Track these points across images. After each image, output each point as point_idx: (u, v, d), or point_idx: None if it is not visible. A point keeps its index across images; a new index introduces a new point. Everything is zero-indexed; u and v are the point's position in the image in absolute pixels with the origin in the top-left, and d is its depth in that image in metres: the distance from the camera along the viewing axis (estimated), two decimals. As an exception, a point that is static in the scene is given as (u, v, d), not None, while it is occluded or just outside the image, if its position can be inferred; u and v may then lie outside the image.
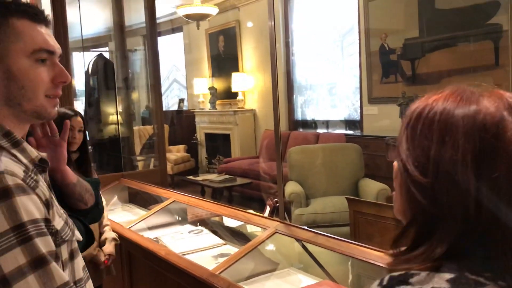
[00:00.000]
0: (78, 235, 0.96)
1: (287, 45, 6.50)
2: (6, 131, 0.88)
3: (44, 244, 0.80)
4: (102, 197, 2.49)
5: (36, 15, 0.91)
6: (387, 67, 4.95)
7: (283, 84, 6.49)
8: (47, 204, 0.86)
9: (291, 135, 6.14)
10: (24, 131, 0.96)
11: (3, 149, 0.86)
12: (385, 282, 0.60)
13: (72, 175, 1.34)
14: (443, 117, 0.61)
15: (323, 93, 6.33)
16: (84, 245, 1.34)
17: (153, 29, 3.98)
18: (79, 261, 0.97)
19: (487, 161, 0.58)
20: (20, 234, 0.77)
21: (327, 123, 6.22)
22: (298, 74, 6.57)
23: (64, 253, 0.89)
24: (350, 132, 5.79)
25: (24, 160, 0.88)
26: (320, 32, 6.16)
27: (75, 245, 0.95)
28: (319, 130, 6.20)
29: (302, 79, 6.56)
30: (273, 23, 2.18)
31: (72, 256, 0.93)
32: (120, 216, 3.17)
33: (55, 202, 0.92)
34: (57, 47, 0.93)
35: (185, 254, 2.29)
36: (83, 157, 2.21)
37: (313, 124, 6.42)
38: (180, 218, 3.01)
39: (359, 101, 5.59)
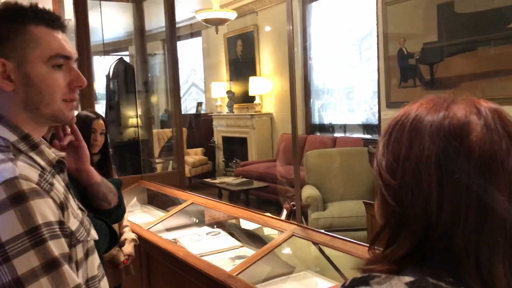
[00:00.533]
0: (94, 235, 0.98)
1: (305, 49, 6.51)
2: (24, 134, 0.91)
3: (58, 247, 0.82)
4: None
5: (53, 22, 0.93)
6: (406, 71, 4.92)
7: (300, 88, 6.50)
8: (62, 207, 0.87)
9: (308, 139, 6.14)
10: (42, 133, 0.98)
11: (21, 152, 0.88)
12: (347, 283, 0.61)
13: (96, 175, 1.37)
14: (414, 122, 0.63)
15: (340, 97, 6.31)
16: (108, 246, 1.38)
17: (172, 34, 4.03)
18: (94, 259, 0.99)
19: (450, 162, 0.59)
20: (34, 237, 0.79)
21: (344, 127, 6.21)
22: (316, 78, 6.58)
23: (80, 252, 0.91)
24: (368, 136, 5.76)
25: (42, 162, 0.90)
26: (338, 36, 6.16)
27: (91, 244, 0.97)
28: (337, 134, 6.19)
29: (320, 83, 6.56)
30: (291, 27, 2.20)
31: (87, 255, 0.95)
32: (139, 217, 3.22)
33: (72, 203, 0.94)
34: (73, 52, 0.96)
35: (202, 256, 2.31)
36: (105, 159, 2.26)
37: (330, 128, 6.42)
38: (197, 220, 3.05)
39: (377, 106, 5.56)
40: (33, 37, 0.90)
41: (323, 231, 2.14)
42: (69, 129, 1.32)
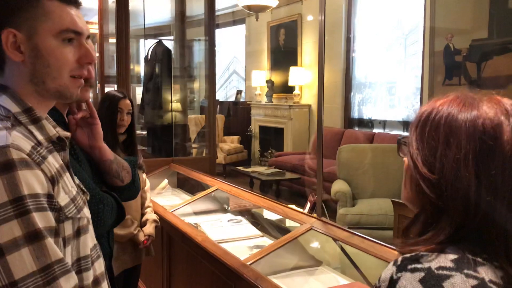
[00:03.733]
0: (86, 214, 0.97)
1: (348, 41, 6.36)
2: (27, 107, 0.91)
3: (42, 220, 0.81)
4: (147, 180, 2.59)
5: None
6: (451, 68, 4.71)
7: (341, 80, 6.37)
8: (53, 180, 0.87)
9: (345, 133, 6.02)
10: (48, 108, 0.98)
11: (20, 124, 0.88)
12: (398, 262, 0.69)
13: (109, 152, 1.39)
14: (447, 121, 0.71)
15: (382, 92, 6.14)
16: (114, 221, 1.39)
17: (211, 20, 4.04)
18: (88, 239, 0.98)
19: (486, 160, 0.68)
20: (18, 207, 0.78)
21: (384, 123, 6.03)
22: (358, 71, 6.42)
23: (68, 229, 0.90)
24: (407, 133, 5.57)
25: (40, 137, 0.90)
26: (383, 29, 5.97)
27: (84, 222, 0.96)
28: (375, 130, 6.03)
29: (362, 77, 6.40)
30: (323, 17, 2.14)
31: (78, 233, 0.94)
32: (167, 200, 3.27)
33: (66, 180, 0.93)
34: (85, 28, 0.95)
35: (221, 242, 2.31)
36: (130, 139, 2.28)
37: (369, 123, 6.25)
38: (221, 207, 3.05)
39: (419, 103, 5.37)
40: (45, 10, 0.90)
41: (341, 226, 2.08)
42: (84, 106, 1.34)
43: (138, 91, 5.71)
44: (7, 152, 0.80)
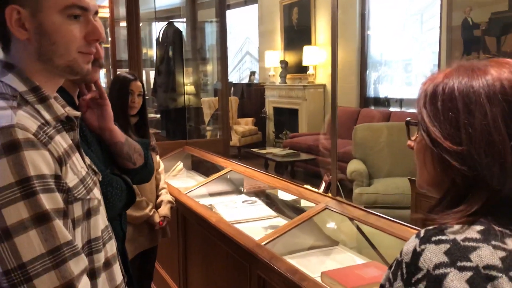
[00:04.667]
0: (96, 195, 0.96)
1: (363, 18, 6.22)
2: (34, 86, 0.89)
3: (50, 201, 0.80)
4: (161, 162, 2.58)
5: None
6: (470, 43, 4.57)
7: (356, 59, 6.25)
8: (60, 161, 0.85)
9: (361, 113, 5.94)
10: (57, 86, 0.96)
11: (27, 103, 0.86)
12: (422, 234, 0.66)
13: (120, 134, 1.37)
14: (461, 89, 0.68)
15: (398, 70, 6.01)
16: (125, 204, 1.38)
17: (222, 1, 3.97)
18: (98, 221, 0.96)
19: None
20: (25, 188, 0.77)
21: (400, 102, 5.92)
22: (373, 48, 6.29)
23: (78, 210, 0.88)
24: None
25: (48, 117, 0.88)
26: (399, 5, 5.82)
27: (94, 203, 0.94)
28: (392, 109, 5.93)
29: (377, 54, 6.27)
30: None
31: (88, 214, 0.93)
32: (181, 182, 3.27)
33: (75, 161, 0.91)
34: (91, 4, 0.92)
35: (235, 223, 2.31)
36: (142, 121, 2.28)
37: (385, 102, 6.15)
38: (236, 188, 3.04)
39: (436, 80, 5.25)
40: None
41: (356, 205, 2.05)
42: (94, 87, 1.32)
43: (152, 75, 5.70)
44: (12, 132, 0.78)
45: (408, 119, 0.80)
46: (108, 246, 1.00)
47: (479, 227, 0.66)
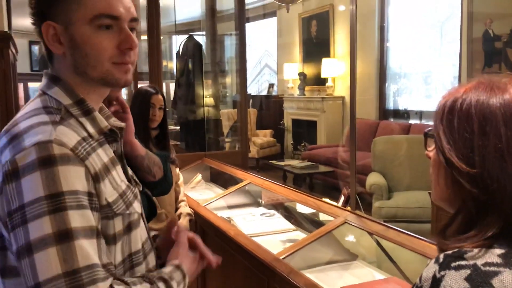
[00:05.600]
0: (136, 208, 0.94)
1: (382, 30, 6.20)
2: (79, 99, 0.89)
3: (79, 218, 0.77)
4: (180, 174, 2.61)
5: None
6: (491, 55, 4.52)
7: (375, 71, 6.23)
8: (97, 177, 0.83)
9: (381, 125, 5.90)
10: (101, 97, 0.95)
11: (71, 116, 0.86)
12: (441, 260, 0.65)
13: (140, 148, 1.39)
14: (478, 108, 0.66)
15: (417, 82, 5.97)
16: (146, 218, 1.40)
17: (241, 14, 4.02)
18: (139, 234, 0.95)
19: None
20: (53, 203, 0.75)
21: (420, 114, 5.86)
22: (392, 60, 6.26)
23: (118, 225, 0.87)
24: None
25: (91, 130, 0.88)
26: (419, 17, 5.79)
27: (134, 217, 0.92)
28: (412, 121, 5.87)
29: (396, 66, 6.24)
30: (354, 7, 2.09)
31: (129, 229, 0.91)
32: (199, 194, 3.28)
33: (115, 175, 0.90)
34: (123, 12, 0.88)
35: (254, 236, 2.31)
36: (163, 134, 2.31)
37: (405, 114, 6.10)
38: (254, 200, 3.05)
39: (457, 92, 5.19)
40: None
41: (376, 219, 2.03)
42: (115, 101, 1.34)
43: (172, 87, 5.77)
44: (49, 148, 0.78)
45: (426, 130, 0.79)
46: (149, 258, 0.99)
47: (499, 251, 0.64)
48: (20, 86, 8.43)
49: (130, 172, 0.99)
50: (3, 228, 0.80)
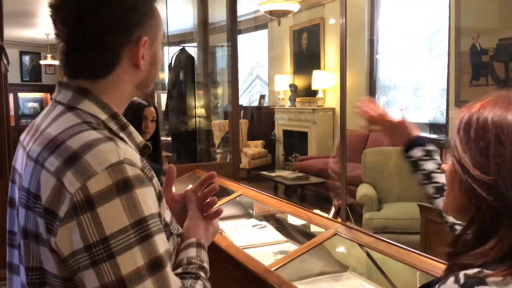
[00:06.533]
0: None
1: (372, 43, 6.30)
2: (113, 113, 0.81)
3: (162, 243, 0.73)
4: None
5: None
6: (478, 68, 4.61)
7: (365, 83, 6.31)
8: (160, 196, 0.78)
9: (371, 137, 5.95)
10: (122, 111, 0.88)
11: (112, 132, 0.78)
12: (462, 281, 0.63)
13: None
14: (496, 120, 0.68)
15: (407, 94, 6.05)
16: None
17: (233, 26, 4.06)
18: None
19: None
20: (140, 232, 0.70)
21: (410, 126, 5.94)
22: (382, 73, 6.35)
23: (171, 246, 0.82)
24: (434, 136, 5.47)
25: (132, 146, 0.80)
26: (408, 30, 5.89)
27: (176, 238, 0.89)
28: (401, 133, 5.93)
29: (386, 79, 6.32)
30: (344, 20, 2.13)
31: (175, 249, 0.87)
32: (191, 206, 3.28)
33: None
34: None
35: (245, 248, 2.32)
36: (155, 146, 2.32)
37: (395, 126, 6.16)
38: (246, 212, 3.06)
39: (445, 104, 5.27)
40: (158, 15, 0.86)
41: (366, 231, 2.06)
42: None
43: (163, 98, 5.79)
44: (122, 170, 0.70)
45: (444, 141, 0.82)
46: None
47: None
48: (10, 96, 8.37)
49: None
50: (60, 263, 0.71)
